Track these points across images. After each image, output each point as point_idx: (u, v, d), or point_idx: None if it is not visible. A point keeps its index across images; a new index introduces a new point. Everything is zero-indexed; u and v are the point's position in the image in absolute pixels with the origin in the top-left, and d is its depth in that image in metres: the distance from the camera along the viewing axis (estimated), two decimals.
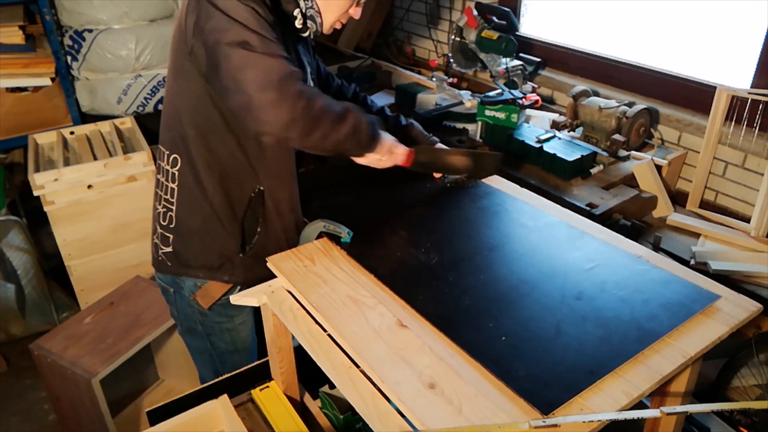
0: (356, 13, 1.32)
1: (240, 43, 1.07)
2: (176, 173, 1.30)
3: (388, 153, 1.32)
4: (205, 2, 1.10)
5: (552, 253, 1.24)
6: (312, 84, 1.41)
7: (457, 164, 1.51)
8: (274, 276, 1.38)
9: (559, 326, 1.03)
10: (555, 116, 2.12)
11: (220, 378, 1.44)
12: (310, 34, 1.30)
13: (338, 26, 1.34)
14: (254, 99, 1.06)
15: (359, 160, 1.31)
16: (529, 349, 0.98)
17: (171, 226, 1.34)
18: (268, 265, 1.25)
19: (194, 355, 1.56)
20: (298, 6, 1.23)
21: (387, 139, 1.31)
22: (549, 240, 1.28)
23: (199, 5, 1.11)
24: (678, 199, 1.93)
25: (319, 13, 1.27)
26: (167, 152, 1.31)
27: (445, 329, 1.03)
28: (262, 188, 1.30)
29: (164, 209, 1.34)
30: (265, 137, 1.13)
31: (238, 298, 1.22)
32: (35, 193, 2.18)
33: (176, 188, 1.30)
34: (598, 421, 0.84)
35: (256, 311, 1.57)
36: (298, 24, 1.25)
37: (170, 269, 1.38)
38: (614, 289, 1.12)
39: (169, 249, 1.35)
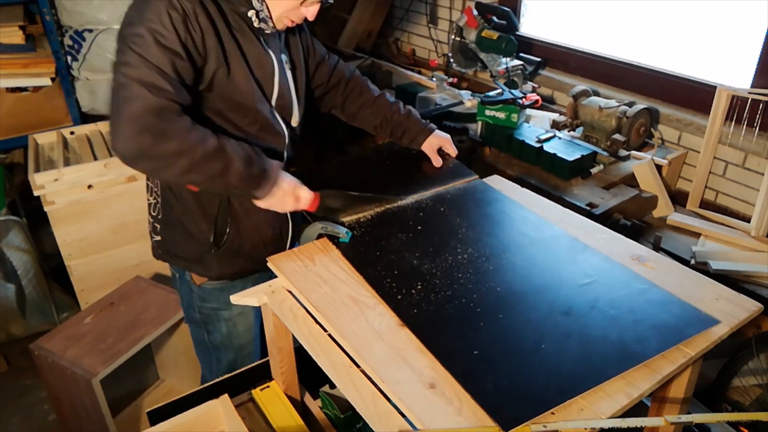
0: (309, 13, 1.26)
1: (122, 63, 1.08)
2: None
3: (290, 197, 1.25)
4: (126, 17, 1.12)
5: (549, 265, 1.20)
6: (291, 76, 1.36)
7: (366, 210, 1.41)
8: (251, 271, 1.43)
9: (540, 342, 1.00)
10: (555, 116, 2.12)
11: (221, 378, 1.44)
12: (272, 32, 1.27)
13: (290, 24, 1.28)
14: (115, 123, 1.06)
15: (257, 203, 1.25)
16: (503, 363, 0.96)
17: (159, 216, 1.40)
18: (269, 264, 1.25)
19: (196, 347, 1.59)
20: (252, 8, 1.21)
21: (286, 181, 1.24)
22: (549, 252, 1.24)
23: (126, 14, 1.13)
24: (678, 199, 1.93)
25: (269, 13, 1.23)
26: None
27: (420, 335, 1.02)
28: None
29: (154, 200, 1.40)
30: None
31: (238, 298, 1.22)
32: (35, 193, 2.18)
33: (159, 181, 1.37)
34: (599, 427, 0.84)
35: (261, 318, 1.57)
36: (256, 24, 1.22)
37: (160, 256, 1.45)
38: (606, 307, 1.08)
39: (158, 238, 1.42)
